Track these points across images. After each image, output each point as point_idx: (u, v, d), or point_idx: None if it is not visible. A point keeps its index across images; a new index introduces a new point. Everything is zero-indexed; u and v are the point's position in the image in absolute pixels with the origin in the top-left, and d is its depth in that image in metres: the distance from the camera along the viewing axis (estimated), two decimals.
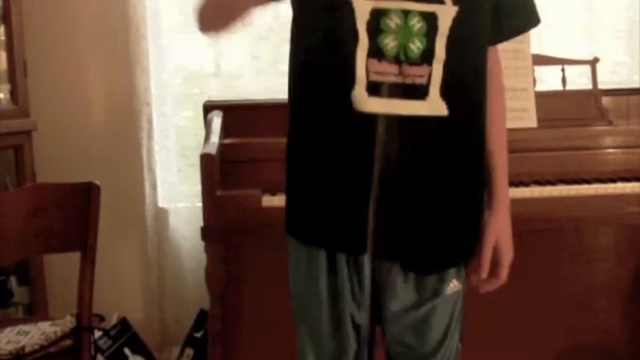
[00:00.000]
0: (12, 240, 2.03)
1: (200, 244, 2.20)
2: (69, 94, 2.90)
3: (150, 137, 2.85)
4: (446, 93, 1.25)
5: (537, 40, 2.78)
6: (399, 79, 1.22)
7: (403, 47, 1.22)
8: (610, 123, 2.46)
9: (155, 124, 2.86)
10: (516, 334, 2.43)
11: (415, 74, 1.23)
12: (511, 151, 2.33)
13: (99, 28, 2.89)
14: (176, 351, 2.83)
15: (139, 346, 2.80)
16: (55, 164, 2.83)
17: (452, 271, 1.36)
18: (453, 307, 1.38)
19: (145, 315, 2.92)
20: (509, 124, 2.35)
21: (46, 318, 2.31)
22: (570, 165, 2.34)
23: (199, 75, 2.94)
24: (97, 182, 2.13)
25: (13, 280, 2.77)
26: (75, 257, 2.14)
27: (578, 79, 2.68)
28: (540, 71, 2.50)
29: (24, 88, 2.74)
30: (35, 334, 2.09)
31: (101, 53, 2.90)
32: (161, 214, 2.89)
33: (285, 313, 2.43)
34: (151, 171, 2.86)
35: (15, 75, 2.69)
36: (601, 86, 2.51)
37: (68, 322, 2.12)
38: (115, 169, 2.85)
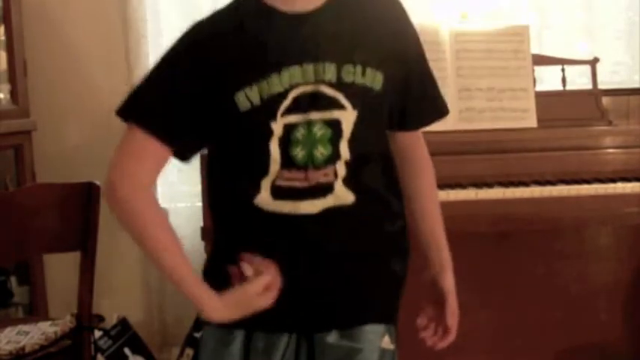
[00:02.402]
0: (12, 240, 2.03)
1: (200, 244, 2.20)
2: (69, 94, 2.90)
3: None
4: (349, 184, 1.29)
5: (537, 40, 2.78)
6: (304, 184, 1.26)
7: (310, 155, 1.26)
8: (610, 123, 2.46)
9: None
10: (516, 334, 2.43)
11: (319, 176, 1.27)
12: (511, 151, 2.37)
13: (99, 28, 2.89)
14: (176, 351, 2.83)
15: (139, 346, 2.80)
16: (55, 164, 2.83)
17: (379, 328, 1.36)
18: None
19: (145, 315, 2.92)
20: (510, 124, 2.40)
21: (46, 318, 2.31)
22: (570, 165, 2.34)
23: None
24: (97, 182, 2.14)
25: (13, 280, 2.77)
26: (75, 257, 2.14)
27: (578, 79, 2.68)
28: (540, 71, 2.50)
29: (24, 88, 2.74)
30: (35, 334, 2.09)
31: (101, 53, 2.90)
32: None
33: None
34: None
35: (15, 75, 2.70)
36: (601, 86, 2.51)
37: (68, 322, 2.12)
38: None
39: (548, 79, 2.65)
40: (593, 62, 2.52)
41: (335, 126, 1.26)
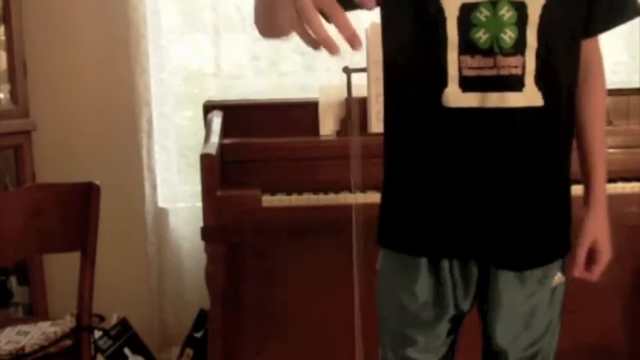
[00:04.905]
0: (12, 240, 2.03)
1: (200, 244, 2.20)
2: (69, 94, 2.90)
3: (150, 137, 2.84)
4: (539, 83, 1.24)
5: None
6: (494, 72, 1.22)
7: (496, 38, 1.21)
8: (610, 123, 2.46)
9: (155, 124, 2.86)
10: None
11: (510, 65, 1.22)
12: None
13: (99, 28, 2.89)
14: (176, 351, 2.83)
15: (139, 346, 2.80)
16: (55, 164, 2.83)
17: (555, 264, 1.36)
18: (557, 300, 1.39)
19: (145, 315, 2.92)
20: None
21: (46, 318, 2.31)
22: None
23: (199, 75, 2.93)
24: (97, 182, 2.14)
25: (13, 280, 2.77)
26: (75, 257, 2.14)
27: None
28: None
29: (24, 88, 2.74)
30: (35, 334, 2.09)
31: (101, 53, 2.90)
32: (161, 214, 2.89)
33: (285, 313, 2.43)
34: (151, 171, 2.85)
35: (15, 75, 2.70)
36: None
37: (68, 322, 2.12)
38: (115, 169, 2.85)
39: None
40: None
41: (520, 9, 1.22)
